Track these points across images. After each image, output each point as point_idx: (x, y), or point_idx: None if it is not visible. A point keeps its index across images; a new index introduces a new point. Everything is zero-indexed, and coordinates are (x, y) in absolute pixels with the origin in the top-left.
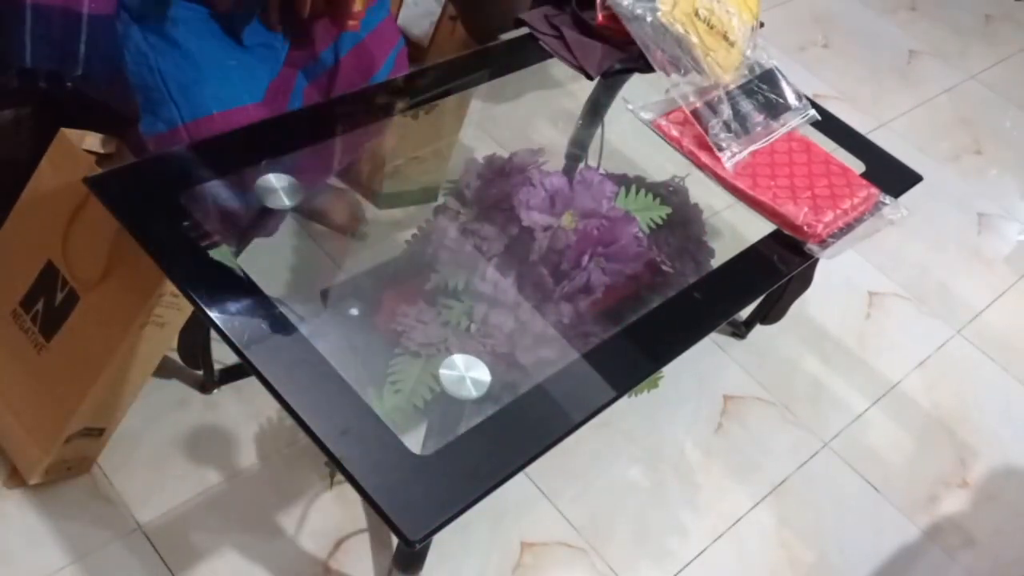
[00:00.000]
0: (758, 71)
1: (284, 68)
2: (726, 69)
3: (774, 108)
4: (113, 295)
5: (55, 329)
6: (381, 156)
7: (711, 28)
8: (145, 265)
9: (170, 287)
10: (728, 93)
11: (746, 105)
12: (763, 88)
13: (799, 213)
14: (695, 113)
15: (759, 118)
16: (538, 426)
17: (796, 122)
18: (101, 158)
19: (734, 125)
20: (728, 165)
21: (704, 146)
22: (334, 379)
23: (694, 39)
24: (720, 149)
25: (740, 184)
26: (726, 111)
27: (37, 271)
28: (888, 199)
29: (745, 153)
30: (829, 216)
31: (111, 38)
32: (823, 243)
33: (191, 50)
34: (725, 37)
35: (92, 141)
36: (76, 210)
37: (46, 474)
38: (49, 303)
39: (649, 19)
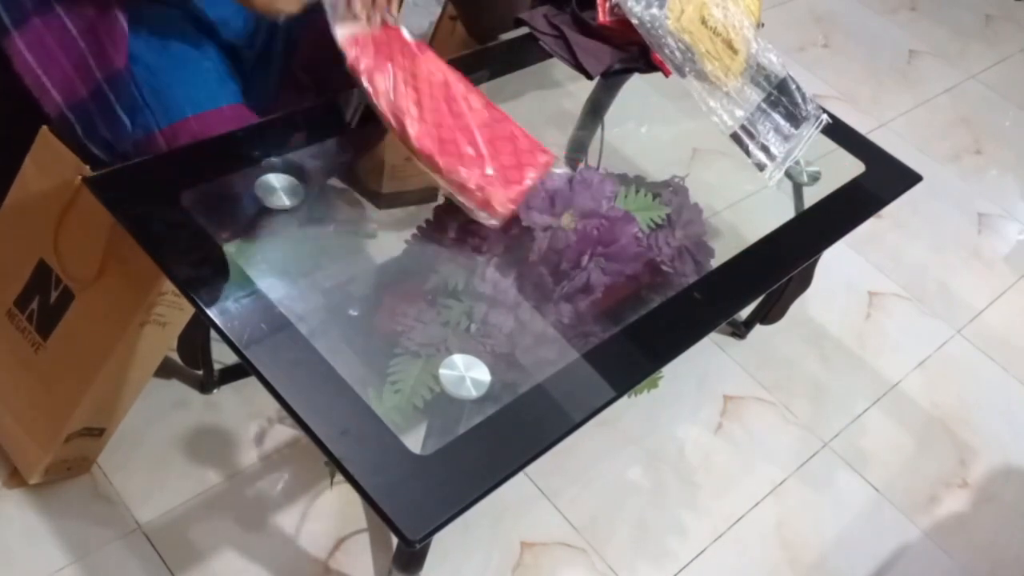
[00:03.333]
0: (775, 81)
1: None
2: (733, 74)
3: (795, 119)
4: (109, 293)
5: (51, 328)
6: (381, 156)
7: (717, 35)
8: (141, 263)
9: (171, 286)
10: (758, 108)
11: (774, 119)
12: (783, 99)
13: (496, 190)
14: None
15: (787, 131)
16: (538, 426)
17: (813, 129)
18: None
19: (772, 149)
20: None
21: (392, 107)
22: (334, 379)
23: (702, 47)
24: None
25: (428, 150)
26: (761, 131)
27: (30, 270)
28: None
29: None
30: (516, 188)
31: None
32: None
33: (164, 53)
34: (730, 45)
35: None
36: (65, 208)
37: (46, 474)
38: (44, 302)
39: (657, 26)
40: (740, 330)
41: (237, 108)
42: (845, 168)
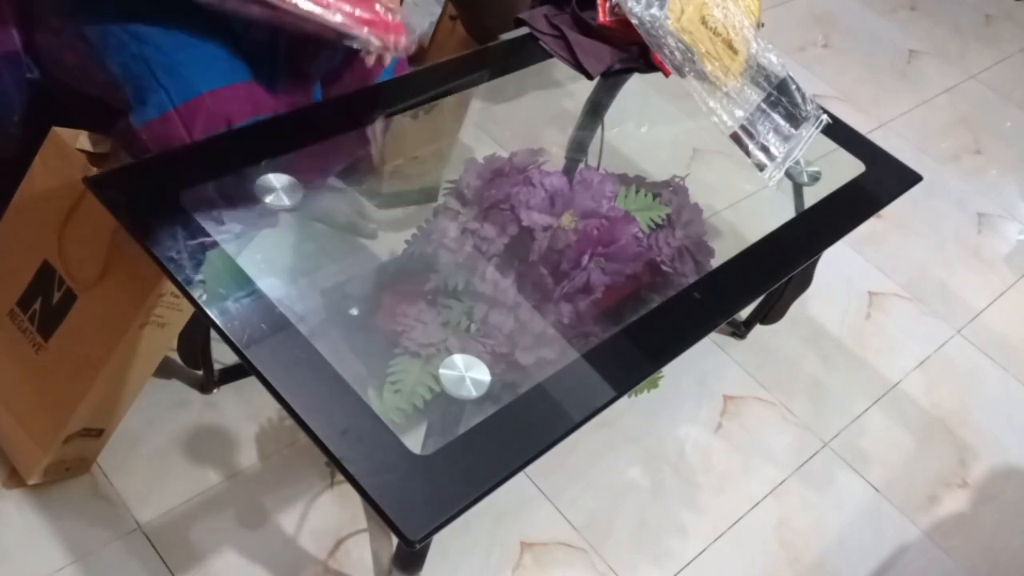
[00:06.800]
0: (775, 81)
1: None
2: (733, 75)
3: (795, 119)
4: (111, 294)
5: (53, 329)
6: (381, 156)
7: (717, 35)
8: (143, 265)
9: (170, 287)
10: (758, 108)
11: (774, 120)
12: (783, 99)
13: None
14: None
15: (787, 131)
16: (538, 426)
17: (813, 129)
18: (94, 157)
19: (772, 149)
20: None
21: None
22: (334, 379)
23: (702, 47)
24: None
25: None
26: (761, 131)
27: (33, 271)
28: None
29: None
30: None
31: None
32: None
33: (172, 33)
34: (730, 45)
35: (84, 140)
36: (71, 209)
37: (45, 474)
38: (46, 303)
39: (657, 26)
40: (740, 330)
41: (250, 86)
42: (845, 168)
